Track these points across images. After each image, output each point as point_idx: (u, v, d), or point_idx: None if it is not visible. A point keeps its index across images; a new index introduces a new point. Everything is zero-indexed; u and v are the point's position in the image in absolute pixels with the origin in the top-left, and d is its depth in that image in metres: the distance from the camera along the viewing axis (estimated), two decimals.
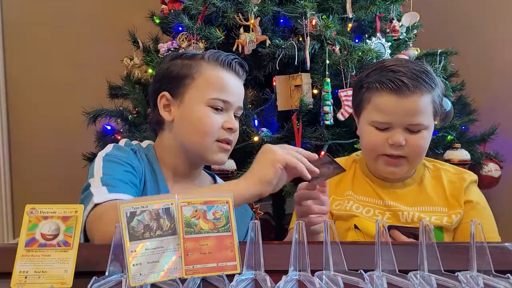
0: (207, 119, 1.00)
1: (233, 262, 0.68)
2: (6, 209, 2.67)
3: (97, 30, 2.51)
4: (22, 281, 0.63)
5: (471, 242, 0.64)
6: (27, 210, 0.67)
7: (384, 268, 0.65)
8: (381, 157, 1.04)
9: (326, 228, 0.67)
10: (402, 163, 1.03)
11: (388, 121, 1.01)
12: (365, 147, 1.10)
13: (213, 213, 0.69)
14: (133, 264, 0.63)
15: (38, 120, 2.63)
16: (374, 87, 1.02)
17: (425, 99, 1.00)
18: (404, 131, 1.01)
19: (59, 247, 0.65)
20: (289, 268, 0.67)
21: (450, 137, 1.78)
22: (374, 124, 1.03)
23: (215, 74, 1.02)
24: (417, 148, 1.02)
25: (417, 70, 1.00)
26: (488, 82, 2.24)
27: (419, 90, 0.99)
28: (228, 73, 1.03)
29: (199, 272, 0.66)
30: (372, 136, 1.04)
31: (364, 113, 1.07)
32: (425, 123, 1.01)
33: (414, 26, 1.87)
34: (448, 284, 0.64)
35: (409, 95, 0.99)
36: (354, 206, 1.09)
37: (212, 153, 1.01)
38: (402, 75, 0.99)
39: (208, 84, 1.01)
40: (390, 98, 1.00)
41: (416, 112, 1.00)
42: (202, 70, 1.02)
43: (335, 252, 0.66)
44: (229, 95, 1.01)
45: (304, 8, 1.57)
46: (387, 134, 1.02)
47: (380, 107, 1.02)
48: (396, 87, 0.99)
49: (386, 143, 1.02)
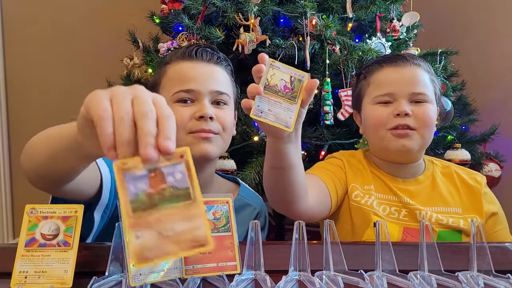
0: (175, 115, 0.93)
1: (233, 262, 0.68)
2: (6, 209, 2.67)
3: (97, 29, 2.51)
4: (22, 281, 0.63)
5: (472, 242, 0.64)
6: (27, 210, 0.67)
7: (384, 268, 0.65)
8: (389, 132, 1.00)
9: (327, 228, 0.67)
10: (413, 134, 0.98)
11: (390, 91, 1.00)
12: (371, 127, 1.04)
13: (213, 213, 0.69)
14: (133, 264, 0.63)
15: (38, 120, 2.63)
16: (373, 68, 1.05)
17: (424, 72, 1.02)
18: (408, 102, 0.99)
19: (59, 247, 0.65)
20: (289, 268, 0.67)
21: (450, 137, 1.78)
22: (377, 100, 1.02)
23: (176, 69, 0.97)
24: (424, 118, 0.98)
25: (414, 55, 1.07)
26: (488, 82, 2.24)
27: (417, 62, 1.02)
28: (190, 63, 0.97)
29: (199, 272, 0.66)
30: (376, 112, 1.02)
31: (365, 99, 1.06)
32: (428, 94, 1.00)
33: (414, 26, 1.87)
34: (448, 284, 0.64)
35: (407, 65, 1.01)
36: (375, 203, 1.02)
37: (190, 146, 0.92)
38: (398, 53, 1.08)
39: (171, 81, 0.97)
40: (389, 69, 1.02)
41: (417, 81, 1.00)
42: (167, 70, 0.99)
43: (335, 252, 0.66)
44: (192, 83, 0.94)
45: (304, 8, 1.57)
46: (392, 107, 1.00)
47: (380, 81, 1.02)
48: (393, 59, 1.03)
49: (392, 115, 0.99)
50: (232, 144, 1.60)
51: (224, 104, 0.98)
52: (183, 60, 0.97)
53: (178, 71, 0.97)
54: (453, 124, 1.77)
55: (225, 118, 0.96)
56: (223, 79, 1.00)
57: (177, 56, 0.98)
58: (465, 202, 1.04)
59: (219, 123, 0.95)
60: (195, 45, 0.99)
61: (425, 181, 1.06)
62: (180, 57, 0.98)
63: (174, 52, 1.01)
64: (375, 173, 1.08)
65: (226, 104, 0.99)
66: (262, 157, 1.58)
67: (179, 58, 0.98)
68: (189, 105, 0.94)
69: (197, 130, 0.92)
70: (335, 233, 0.67)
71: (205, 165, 0.97)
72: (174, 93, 0.94)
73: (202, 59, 0.97)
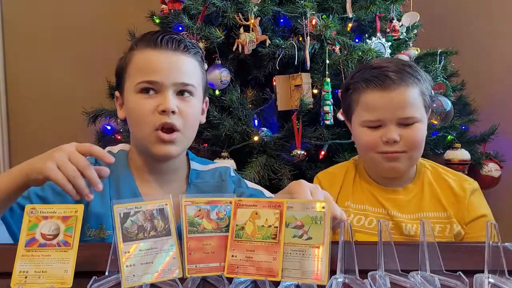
0: (138, 106, 0.92)
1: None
2: None
3: (97, 30, 2.51)
4: (22, 281, 0.63)
5: (487, 243, 0.63)
6: (27, 210, 0.67)
7: (386, 268, 0.64)
8: (379, 155, 1.02)
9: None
10: (402, 156, 1.01)
11: (378, 118, 1.00)
12: (361, 148, 1.08)
13: (217, 213, 0.69)
14: (126, 265, 0.63)
15: (38, 120, 2.62)
16: (360, 87, 1.02)
17: (412, 91, 0.99)
18: (397, 126, 0.99)
19: (59, 247, 0.65)
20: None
21: (450, 137, 1.78)
22: (366, 124, 1.02)
23: (142, 58, 0.94)
24: (413, 141, 1.00)
25: (401, 64, 1.02)
26: (488, 82, 2.24)
27: (404, 82, 0.98)
28: (156, 52, 0.93)
29: (202, 272, 0.66)
30: (365, 136, 1.02)
31: (354, 115, 1.06)
32: (416, 115, 0.99)
33: (414, 26, 1.87)
34: (450, 284, 0.64)
35: (395, 88, 0.98)
36: (356, 219, 1.06)
37: (152, 144, 0.92)
38: (385, 70, 0.99)
39: (136, 70, 0.94)
40: (376, 94, 0.99)
41: (405, 104, 0.98)
42: (133, 57, 0.95)
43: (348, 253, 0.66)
44: (155, 74, 0.91)
45: (304, 8, 1.57)
46: (380, 132, 1.00)
47: (368, 106, 1.01)
48: (380, 82, 0.98)
49: (380, 141, 1.00)
50: (232, 144, 1.60)
51: (189, 95, 0.95)
52: (149, 48, 0.94)
53: (143, 60, 0.94)
54: (453, 124, 1.77)
55: (188, 112, 0.94)
56: (190, 68, 0.96)
57: (142, 43, 0.95)
58: (449, 209, 1.04)
59: (182, 118, 0.93)
60: (161, 32, 0.96)
61: (414, 189, 1.07)
62: (145, 44, 0.94)
63: (140, 37, 0.98)
64: (364, 184, 1.10)
65: (192, 95, 0.95)
66: (262, 157, 1.58)
67: (145, 45, 0.94)
68: (152, 96, 0.92)
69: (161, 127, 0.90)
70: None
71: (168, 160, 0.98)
72: (137, 83, 0.92)
73: (167, 47, 0.93)
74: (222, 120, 1.59)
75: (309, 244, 0.65)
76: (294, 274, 0.64)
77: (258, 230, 0.66)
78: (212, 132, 1.62)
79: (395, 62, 1.03)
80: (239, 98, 1.62)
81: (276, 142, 1.60)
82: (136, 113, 0.93)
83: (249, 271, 0.65)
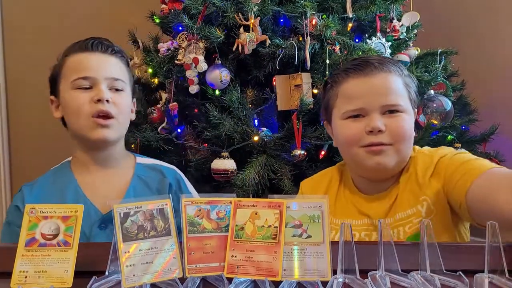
0: (75, 99, 1.03)
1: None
2: (6, 209, 2.67)
3: (97, 29, 2.49)
4: (22, 281, 0.63)
5: (487, 242, 0.63)
6: (27, 210, 0.67)
7: (386, 267, 0.65)
8: (363, 150, 0.92)
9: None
10: (387, 150, 0.91)
11: (360, 106, 0.91)
12: (343, 145, 0.97)
13: (217, 212, 0.69)
14: (126, 265, 0.63)
15: (38, 120, 2.62)
16: (340, 78, 0.96)
17: (395, 78, 0.93)
18: (381, 115, 0.91)
19: (59, 247, 0.65)
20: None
21: (450, 137, 1.78)
22: (347, 115, 0.94)
23: (74, 60, 1.06)
24: (399, 132, 0.90)
25: (383, 57, 1.00)
26: (488, 82, 2.24)
27: (387, 68, 0.93)
28: (87, 54, 1.06)
29: (202, 272, 0.66)
30: (347, 129, 0.94)
31: (334, 111, 0.98)
32: (401, 104, 0.91)
33: (414, 26, 1.86)
34: (450, 284, 0.64)
35: (377, 72, 0.92)
36: (337, 237, 0.96)
37: (90, 130, 1.03)
38: (366, 59, 0.96)
39: (70, 70, 1.05)
40: (358, 80, 0.93)
41: (388, 91, 0.91)
42: (66, 62, 1.07)
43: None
44: (88, 70, 1.04)
45: (304, 8, 1.57)
46: (363, 122, 0.91)
47: (349, 93, 0.94)
48: (361, 68, 0.93)
49: (363, 132, 0.91)
50: (232, 144, 1.60)
51: (120, 90, 1.07)
52: (80, 52, 1.07)
53: (76, 61, 1.06)
54: (453, 124, 1.77)
55: (121, 102, 1.06)
56: (118, 68, 1.09)
57: (75, 49, 1.08)
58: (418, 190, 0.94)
59: (115, 107, 1.04)
60: (91, 38, 1.10)
61: (399, 189, 0.98)
62: (77, 49, 1.07)
63: (72, 46, 1.10)
64: (347, 196, 1.03)
65: (123, 90, 1.08)
66: (262, 157, 1.58)
67: (77, 51, 1.07)
68: (87, 91, 1.03)
69: (97, 112, 1.02)
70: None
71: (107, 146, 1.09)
72: (72, 80, 1.03)
73: (97, 50, 1.07)
74: (222, 120, 1.59)
75: (309, 243, 0.65)
76: (296, 272, 0.64)
77: (258, 230, 0.66)
78: (212, 132, 1.62)
79: (377, 56, 1.00)
80: (239, 98, 1.62)
81: (276, 142, 1.59)
82: (74, 104, 1.03)
83: (249, 271, 0.65)
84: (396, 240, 0.91)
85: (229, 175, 1.55)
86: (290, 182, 1.52)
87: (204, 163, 1.65)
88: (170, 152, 1.71)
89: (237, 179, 1.50)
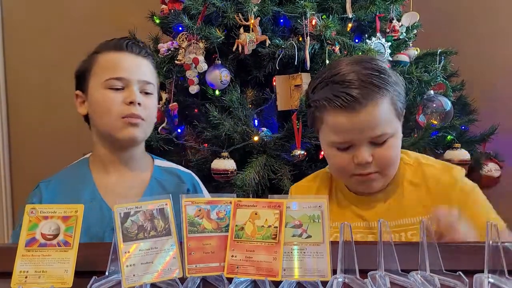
0: (106, 99, 1.03)
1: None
2: (6, 209, 2.67)
3: (97, 30, 2.50)
4: (22, 281, 0.63)
5: (487, 242, 0.63)
6: (27, 210, 0.67)
7: (386, 267, 0.65)
8: (352, 177, 0.95)
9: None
10: (376, 177, 0.94)
11: (347, 140, 0.91)
12: (333, 170, 1.02)
13: (217, 212, 0.69)
14: (126, 265, 0.63)
15: (38, 120, 2.62)
16: (322, 105, 0.91)
17: (382, 106, 0.89)
18: (368, 145, 0.91)
19: (59, 247, 0.65)
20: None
21: (450, 137, 1.78)
22: (334, 145, 0.94)
23: (108, 58, 1.07)
24: (386, 161, 0.93)
25: (366, 75, 0.88)
26: (488, 82, 2.24)
27: (372, 99, 0.87)
28: (121, 54, 1.07)
29: (202, 271, 0.66)
30: (336, 158, 0.95)
31: (321, 133, 0.98)
32: (388, 131, 0.90)
33: (414, 26, 1.86)
34: (450, 284, 0.64)
35: (362, 108, 0.87)
36: (332, 238, 0.98)
37: (119, 129, 1.03)
38: (349, 86, 0.87)
39: (102, 69, 1.06)
40: (342, 116, 0.89)
41: (375, 124, 0.89)
42: (98, 59, 1.07)
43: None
44: (123, 71, 1.04)
45: (304, 8, 1.57)
46: (351, 153, 0.92)
47: (334, 128, 0.92)
48: (345, 103, 0.87)
49: (352, 163, 0.92)
50: (232, 144, 1.60)
51: (150, 94, 1.09)
52: (114, 52, 1.07)
53: (110, 60, 1.06)
54: (452, 124, 1.77)
55: (150, 106, 1.09)
56: (149, 70, 1.10)
57: (108, 47, 1.08)
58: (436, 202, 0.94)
59: (145, 110, 1.06)
60: (125, 39, 1.10)
61: (392, 194, 1.00)
62: (112, 48, 1.08)
63: (104, 44, 1.11)
64: (340, 199, 1.04)
65: (152, 93, 1.10)
66: (262, 157, 1.58)
67: (111, 49, 1.08)
68: (119, 91, 1.04)
69: (128, 115, 1.03)
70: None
71: (132, 146, 1.10)
72: (105, 79, 1.04)
73: (131, 51, 1.08)
74: (222, 120, 1.59)
75: (309, 242, 0.65)
76: (296, 272, 0.64)
77: (258, 230, 0.67)
78: (212, 132, 1.62)
79: (359, 71, 0.89)
80: (239, 98, 1.62)
81: (276, 142, 1.59)
82: (105, 104, 1.03)
83: (249, 271, 0.65)
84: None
85: (229, 175, 1.55)
86: (290, 182, 1.52)
87: (204, 163, 1.65)
88: (170, 152, 1.71)
89: (237, 179, 1.50)
